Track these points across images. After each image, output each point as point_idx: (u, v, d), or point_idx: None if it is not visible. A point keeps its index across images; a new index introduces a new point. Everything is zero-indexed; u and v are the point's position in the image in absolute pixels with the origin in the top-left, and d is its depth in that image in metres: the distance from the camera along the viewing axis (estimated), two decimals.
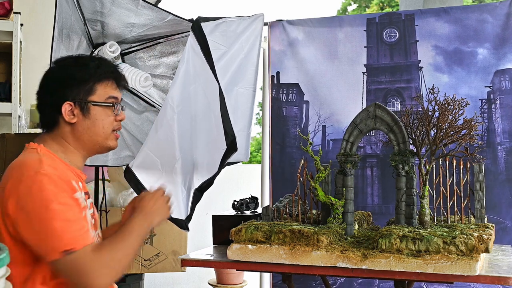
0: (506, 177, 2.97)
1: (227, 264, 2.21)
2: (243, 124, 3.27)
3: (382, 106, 2.22)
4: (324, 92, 3.30)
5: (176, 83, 2.48)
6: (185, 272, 3.86)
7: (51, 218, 1.41)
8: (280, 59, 3.41)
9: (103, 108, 1.63)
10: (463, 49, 3.07)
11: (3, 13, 2.88)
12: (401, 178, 2.17)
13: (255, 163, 11.58)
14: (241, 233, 2.14)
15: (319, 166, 2.29)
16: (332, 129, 3.27)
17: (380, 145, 3.20)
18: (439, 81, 3.03)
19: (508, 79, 2.98)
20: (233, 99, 3.20)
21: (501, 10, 3.00)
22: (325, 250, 1.99)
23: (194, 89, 2.47)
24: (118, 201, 3.31)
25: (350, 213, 2.23)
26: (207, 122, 2.44)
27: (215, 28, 2.95)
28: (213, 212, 2.65)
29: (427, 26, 3.13)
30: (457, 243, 1.85)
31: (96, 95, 1.62)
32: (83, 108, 1.60)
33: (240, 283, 3.98)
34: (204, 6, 29.10)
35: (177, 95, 2.43)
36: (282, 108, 3.41)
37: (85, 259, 1.42)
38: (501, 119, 2.99)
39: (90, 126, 1.62)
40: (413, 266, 1.86)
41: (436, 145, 2.16)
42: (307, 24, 3.36)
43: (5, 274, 1.04)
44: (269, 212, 2.38)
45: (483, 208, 2.28)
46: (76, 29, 2.58)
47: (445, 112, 2.15)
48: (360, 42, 3.26)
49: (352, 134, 2.25)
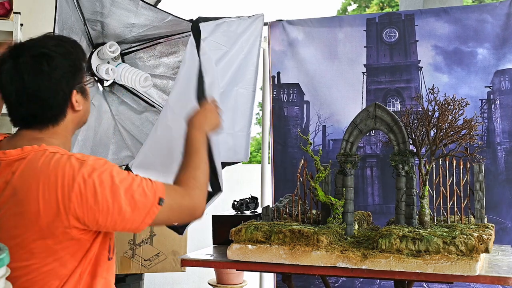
0: (506, 177, 2.97)
1: (227, 264, 2.21)
2: (243, 124, 3.28)
3: (382, 106, 2.22)
4: (324, 92, 3.30)
5: (176, 85, 2.48)
6: (185, 272, 3.86)
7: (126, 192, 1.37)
8: (280, 59, 3.41)
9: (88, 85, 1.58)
10: (463, 49, 3.07)
11: (3, 13, 2.88)
12: (401, 178, 2.17)
13: (255, 163, 11.57)
14: (241, 233, 2.14)
15: (319, 166, 2.29)
16: (332, 129, 3.27)
17: (380, 145, 3.20)
18: (439, 81, 3.03)
19: (508, 79, 2.98)
20: (233, 99, 3.20)
21: (501, 10, 3.00)
22: (325, 250, 1.99)
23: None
24: None
25: (350, 213, 2.23)
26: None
27: (215, 28, 2.95)
28: (213, 212, 2.64)
29: (427, 26, 3.13)
30: (457, 243, 1.86)
31: (85, 74, 1.56)
32: (83, 92, 1.54)
33: (240, 283, 3.98)
34: (204, 6, 29.10)
35: (177, 97, 2.43)
36: (283, 108, 3.41)
37: (175, 197, 1.47)
38: (501, 119, 2.99)
39: (87, 107, 1.57)
40: (413, 266, 1.86)
41: (436, 145, 2.17)
42: (307, 24, 3.36)
43: (5, 274, 1.04)
44: (269, 212, 2.38)
45: (483, 208, 2.28)
46: (76, 29, 2.59)
47: (445, 112, 2.15)
48: (360, 42, 3.26)
49: (352, 134, 2.25)
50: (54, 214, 1.33)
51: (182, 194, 1.49)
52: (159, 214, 1.41)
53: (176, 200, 1.46)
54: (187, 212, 1.51)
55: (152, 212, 1.40)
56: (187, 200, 1.50)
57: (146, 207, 1.39)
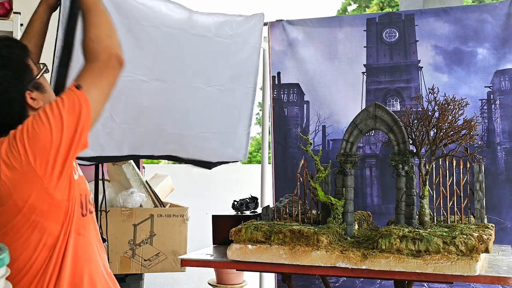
0: (506, 177, 2.97)
1: (227, 264, 2.21)
2: (242, 124, 3.28)
3: (382, 106, 2.22)
4: (323, 92, 3.30)
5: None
6: (185, 272, 3.86)
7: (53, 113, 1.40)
8: (280, 60, 3.41)
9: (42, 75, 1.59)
10: (463, 49, 3.07)
11: (3, 13, 2.87)
12: (401, 178, 2.17)
13: (255, 163, 11.58)
14: (241, 233, 2.14)
15: (319, 166, 2.29)
16: (331, 129, 3.27)
17: (380, 145, 3.20)
18: (439, 81, 3.03)
19: (508, 79, 2.98)
20: (233, 99, 3.20)
21: (501, 10, 2.99)
22: (325, 250, 1.99)
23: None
24: (118, 201, 3.31)
25: (350, 213, 2.23)
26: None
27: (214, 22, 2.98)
28: (213, 212, 2.64)
29: (427, 26, 3.13)
30: (457, 243, 1.86)
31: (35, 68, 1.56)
32: (38, 88, 1.55)
33: (240, 283, 3.98)
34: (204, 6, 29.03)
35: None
36: (284, 108, 3.41)
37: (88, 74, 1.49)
38: (501, 119, 2.99)
39: (48, 97, 1.57)
40: (413, 266, 1.87)
41: (436, 145, 2.17)
42: (307, 24, 3.36)
43: (5, 274, 1.04)
44: (269, 212, 2.38)
45: (483, 208, 2.28)
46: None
47: (445, 112, 2.15)
48: (359, 42, 3.26)
49: (352, 134, 2.25)
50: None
51: (93, 66, 1.50)
52: (89, 94, 1.44)
53: (92, 75, 1.49)
54: (111, 63, 1.52)
55: (82, 100, 1.43)
56: (98, 66, 1.50)
57: (71, 102, 1.42)
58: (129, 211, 3.19)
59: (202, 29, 3.00)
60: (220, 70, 3.12)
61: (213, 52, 3.07)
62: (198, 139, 3.02)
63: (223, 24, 3.10)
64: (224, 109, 3.16)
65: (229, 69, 3.17)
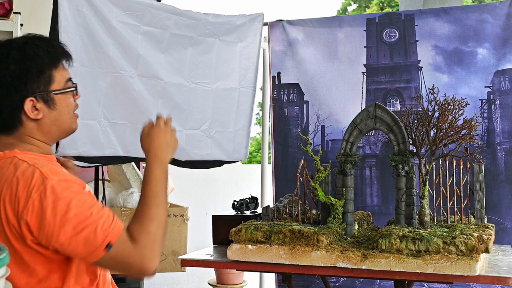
0: (505, 177, 2.97)
1: (227, 264, 2.21)
2: (242, 124, 3.28)
3: (382, 106, 2.22)
4: (323, 92, 3.30)
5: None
6: (185, 272, 3.86)
7: (74, 228, 1.33)
8: (280, 60, 3.41)
9: (64, 94, 1.51)
10: (463, 49, 3.07)
11: (3, 13, 2.87)
12: (401, 178, 2.17)
13: (255, 163, 11.58)
14: (241, 233, 2.14)
15: (319, 166, 2.29)
16: (331, 129, 3.27)
17: (379, 145, 3.20)
18: (439, 81, 3.03)
19: (508, 79, 2.98)
20: (233, 98, 3.20)
21: (501, 10, 2.99)
22: (325, 250, 1.99)
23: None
24: (118, 201, 3.32)
25: (350, 213, 2.23)
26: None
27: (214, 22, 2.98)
28: (213, 212, 2.64)
29: (427, 26, 3.13)
30: (457, 243, 1.85)
31: (56, 83, 1.48)
32: (47, 101, 1.46)
33: (240, 283, 3.98)
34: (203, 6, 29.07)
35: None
36: (284, 109, 3.41)
37: (123, 251, 1.37)
38: (501, 119, 2.99)
39: (58, 116, 1.49)
40: (413, 266, 1.86)
41: (436, 145, 2.17)
42: (307, 24, 3.36)
43: (5, 274, 1.03)
44: (269, 212, 2.38)
45: (483, 208, 2.28)
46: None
47: (445, 112, 2.15)
48: (360, 42, 3.26)
49: (352, 134, 2.25)
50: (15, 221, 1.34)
51: (130, 252, 1.38)
52: (102, 259, 1.36)
53: (123, 255, 1.37)
54: (134, 269, 1.40)
55: (97, 254, 1.35)
56: (134, 259, 1.38)
57: (92, 247, 1.34)
58: (129, 211, 3.19)
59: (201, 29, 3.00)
60: (220, 70, 3.12)
61: (213, 52, 3.07)
62: (198, 139, 3.03)
63: (223, 24, 3.11)
64: (224, 109, 3.16)
65: (229, 69, 3.17)
